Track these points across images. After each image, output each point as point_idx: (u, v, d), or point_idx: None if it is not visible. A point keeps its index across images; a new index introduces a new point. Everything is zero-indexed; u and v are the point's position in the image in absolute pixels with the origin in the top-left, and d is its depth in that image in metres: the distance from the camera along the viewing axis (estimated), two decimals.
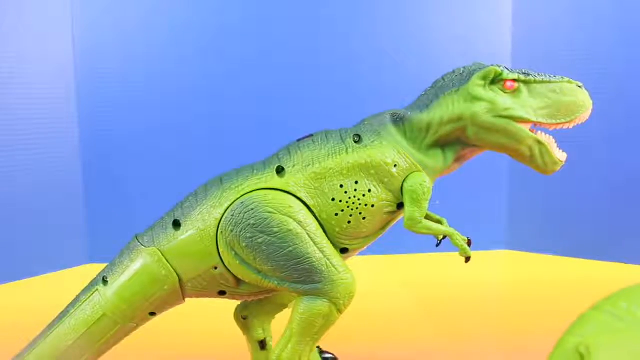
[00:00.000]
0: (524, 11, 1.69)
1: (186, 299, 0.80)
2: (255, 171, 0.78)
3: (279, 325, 0.86)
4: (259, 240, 0.73)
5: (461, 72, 0.79)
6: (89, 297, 0.80)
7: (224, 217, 0.75)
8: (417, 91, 0.85)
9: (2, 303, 1.38)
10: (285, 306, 0.88)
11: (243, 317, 0.89)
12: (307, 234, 0.74)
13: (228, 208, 0.75)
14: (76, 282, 1.56)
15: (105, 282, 0.79)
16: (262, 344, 0.88)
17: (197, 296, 0.80)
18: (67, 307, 0.81)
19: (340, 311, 0.75)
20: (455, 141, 0.78)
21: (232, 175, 0.78)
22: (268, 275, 0.74)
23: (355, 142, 0.77)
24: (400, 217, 0.79)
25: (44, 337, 0.80)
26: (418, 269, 1.56)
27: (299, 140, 0.81)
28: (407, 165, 0.76)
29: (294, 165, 0.76)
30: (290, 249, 0.73)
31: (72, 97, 1.65)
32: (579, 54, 1.60)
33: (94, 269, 1.67)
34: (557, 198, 1.68)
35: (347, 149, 0.77)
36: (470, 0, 1.70)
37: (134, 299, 0.77)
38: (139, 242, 0.79)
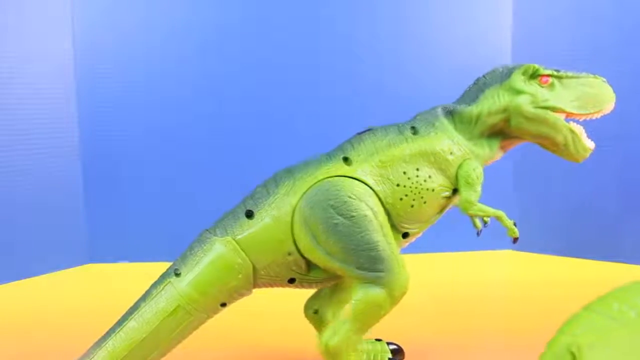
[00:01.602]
0: (524, 11, 1.69)
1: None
2: (323, 162, 0.82)
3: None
4: (336, 221, 0.77)
5: (501, 70, 0.87)
6: (161, 290, 0.80)
7: (300, 201, 0.78)
8: (417, 91, 0.88)
9: (2, 303, 1.38)
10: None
11: (314, 311, 0.92)
12: (379, 223, 0.78)
13: (304, 194, 0.79)
14: (76, 282, 1.57)
15: (177, 274, 0.80)
16: None
17: (267, 285, 0.83)
18: (137, 302, 0.81)
19: (393, 303, 0.79)
20: (498, 132, 0.86)
21: (301, 167, 0.82)
22: (336, 258, 0.78)
23: (413, 133, 0.83)
24: (454, 202, 0.86)
25: (114, 333, 0.79)
26: (420, 269, 1.55)
27: (359, 134, 0.85)
28: (461, 153, 0.83)
29: (359, 155, 0.81)
30: (363, 234, 0.77)
31: (72, 97, 1.65)
32: (579, 54, 1.60)
33: (94, 269, 1.69)
34: (559, 198, 1.68)
35: (406, 139, 0.82)
36: (470, 0, 1.71)
37: (209, 289, 0.79)
38: (210, 234, 0.81)
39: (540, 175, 1.67)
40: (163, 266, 0.83)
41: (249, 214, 0.80)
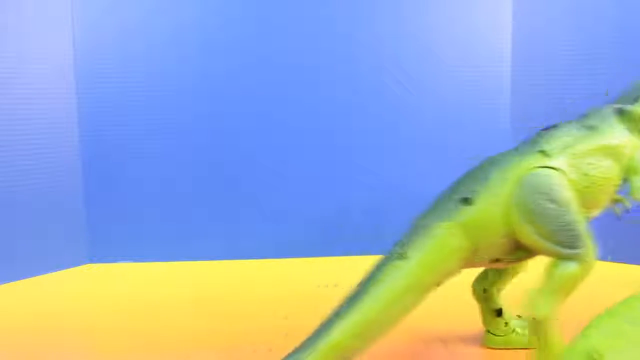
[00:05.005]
0: (524, 11, 1.69)
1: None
2: (524, 154, 0.91)
3: None
4: (546, 205, 0.86)
5: None
6: (388, 273, 0.85)
7: (515, 187, 0.87)
8: (417, 91, 0.88)
9: (2, 303, 1.38)
10: (517, 274, 1.04)
11: (483, 290, 1.04)
12: (576, 206, 0.88)
13: (517, 181, 0.87)
14: (76, 282, 1.57)
15: (402, 257, 0.85)
16: (499, 312, 1.04)
17: (473, 265, 0.92)
18: (362, 285, 0.85)
19: (584, 277, 0.87)
20: None
21: (502, 159, 0.91)
22: (543, 237, 0.87)
23: (591, 129, 0.94)
24: (617, 189, 0.97)
25: (346, 314, 0.82)
26: None
27: (545, 130, 0.95)
28: (631, 146, 0.95)
29: (553, 149, 0.91)
30: (567, 216, 0.87)
31: (72, 97, 1.65)
32: (579, 54, 1.60)
33: (94, 269, 1.69)
34: None
35: (588, 135, 0.93)
36: (470, 0, 1.70)
37: (433, 270, 0.85)
38: (429, 220, 0.87)
39: None
40: (163, 266, 0.83)
41: (466, 201, 0.87)
